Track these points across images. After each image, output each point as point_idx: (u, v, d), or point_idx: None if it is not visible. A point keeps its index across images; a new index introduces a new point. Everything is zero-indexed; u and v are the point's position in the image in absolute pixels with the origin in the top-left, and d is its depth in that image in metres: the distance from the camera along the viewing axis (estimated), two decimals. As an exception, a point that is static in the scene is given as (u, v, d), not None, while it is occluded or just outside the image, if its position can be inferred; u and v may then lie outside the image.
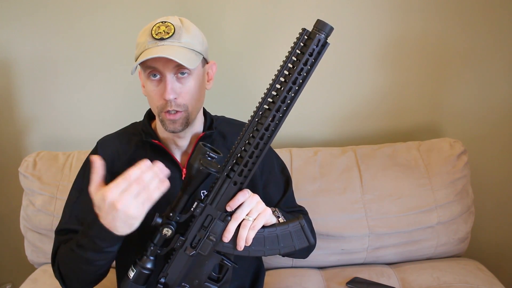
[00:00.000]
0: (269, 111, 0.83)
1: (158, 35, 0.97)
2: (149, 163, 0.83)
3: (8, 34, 1.64)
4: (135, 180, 0.81)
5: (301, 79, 0.81)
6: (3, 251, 1.88)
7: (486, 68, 1.67)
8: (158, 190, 0.83)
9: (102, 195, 0.81)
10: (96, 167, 0.86)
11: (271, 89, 0.82)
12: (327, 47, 0.80)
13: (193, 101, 1.02)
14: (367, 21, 1.63)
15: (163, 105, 1.00)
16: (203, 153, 0.85)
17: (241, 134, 0.85)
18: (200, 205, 0.88)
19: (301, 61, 0.80)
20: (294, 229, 0.92)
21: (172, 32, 0.98)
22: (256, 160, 0.86)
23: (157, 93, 1.00)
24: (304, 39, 0.80)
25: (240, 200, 0.87)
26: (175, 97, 0.99)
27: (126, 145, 1.12)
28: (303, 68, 0.80)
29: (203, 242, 0.89)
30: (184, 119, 1.01)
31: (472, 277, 1.41)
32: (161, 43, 0.97)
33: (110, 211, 0.81)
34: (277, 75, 0.82)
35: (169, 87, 0.98)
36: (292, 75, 0.80)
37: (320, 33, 0.79)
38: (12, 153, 1.76)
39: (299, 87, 0.82)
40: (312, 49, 0.80)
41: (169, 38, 0.97)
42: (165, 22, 0.99)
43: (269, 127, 0.83)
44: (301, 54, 0.80)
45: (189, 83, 1.00)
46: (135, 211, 0.81)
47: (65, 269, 1.02)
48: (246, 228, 0.87)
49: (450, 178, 1.51)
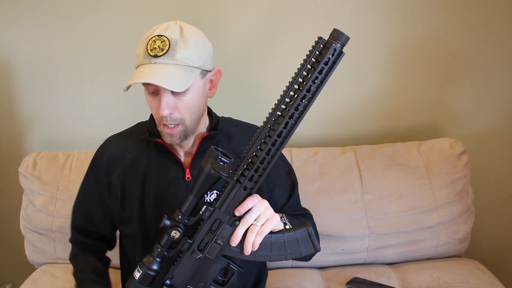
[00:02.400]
0: (282, 118, 0.83)
1: (152, 51, 0.96)
2: None
3: (8, 34, 1.64)
4: None
5: (315, 88, 0.82)
6: (3, 251, 1.87)
7: (486, 69, 1.67)
8: None
9: None
10: None
11: (285, 96, 0.83)
12: (342, 57, 0.81)
13: (190, 114, 1.02)
14: (368, 23, 1.63)
15: (160, 118, 1.01)
16: (214, 157, 0.85)
17: (252, 139, 0.86)
18: (209, 208, 0.88)
19: (316, 69, 0.80)
20: (301, 235, 0.92)
21: (167, 49, 0.96)
22: (267, 166, 0.85)
23: (154, 106, 1.01)
24: (320, 48, 0.80)
25: (249, 205, 0.87)
26: (170, 112, 0.99)
27: (131, 144, 1.13)
28: (318, 76, 0.81)
29: (210, 245, 0.89)
30: (181, 132, 1.02)
31: (472, 277, 1.41)
32: (154, 61, 0.96)
33: None
34: (292, 82, 0.82)
35: (163, 103, 0.98)
36: (307, 83, 0.81)
37: (336, 43, 0.79)
38: (12, 153, 1.76)
39: (312, 95, 0.82)
40: (328, 58, 0.80)
41: (163, 56, 0.96)
42: (161, 36, 0.97)
43: (281, 134, 0.84)
44: (317, 62, 0.80)
45: (185, 98, 0.99)
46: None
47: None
48: (254, 233, 0.87)
49: (450, 178, 1.51)
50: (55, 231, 1.49)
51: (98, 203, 1.14)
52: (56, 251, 1.51)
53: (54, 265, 1.53)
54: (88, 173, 1.16)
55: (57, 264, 1.53)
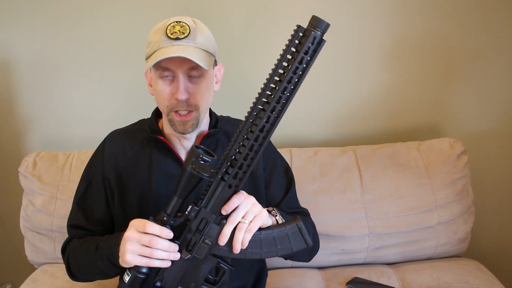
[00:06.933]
0: (264, 112, 0.80)
1: (173, 34, 0.97)
2: (171, 234, 0.86)
3: (8, 34, 1.64)
4: (151, 233, 0.85)
5: (297, 78, 0.78)
6: (3, 251, 1.87)
7: (486, 68, 1.67)
8: (160, 261, 0.86)
9: (144, 226, 0.86)
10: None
11: (265, 89, 0.79)
12: (323, 45, 0.77)
13: (204, 102, 1.02)
14: (368, 21, 1.63)
15: (174, 104, 1.00)
16: (196, 156, 0.83)
17: (234, 136, 0.83)
18: (194, 208, 0.86)
19: (296, 59, 0.76)
20: (291, 231, 0.90)
21: (188, 33, 0.97)
22: (251, 163, 0.83)
23: (169, 92, 1.01)
24: (299, 37, 0.76)
25: (236, 203, 0.86)
26: (187, 97, 0.99)
27: (132, 141, 1.13)
28: (298, 66, 0.77)
29: (198, 245, 0.88)
30: (195, 119, 1.02)
31: (472, 277, 1.41)
32: (176, 43, 0.96)
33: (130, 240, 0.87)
34: (272, 74, 0.79)
35: (182, 87, 0.98)
36: (287, 74, 0.77)
37: (316, 30, 0.75)
38: (12, 153, 1.75)
39: (294, 87, 0.79)
40: (308, 47, 0.76)
41: (184, 38, 0.97)
42: (180, 22, 0.99)
43: (264, 128, 0.81)
44: (296, 52, 0.77)
45: (200, 84, 1.00)
46: (129, 256, 0.86)
47: (74, 262, 1.08)
48: (242, 231, 0.86)
49: (450, 178, 1.51)
50: (55, 231, 1.49)
51: (99, 200, 1.13)
52: (56, 251, 1.51)
53: (54, 265, 1.53)
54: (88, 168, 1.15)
55: (57, 264, 1.53)
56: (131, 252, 0.86)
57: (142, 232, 0.85)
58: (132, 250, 0.86)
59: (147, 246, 0.85)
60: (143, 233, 0.85)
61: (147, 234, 0.85)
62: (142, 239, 0.85)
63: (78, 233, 1.12)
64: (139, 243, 0.85)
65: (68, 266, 1.10)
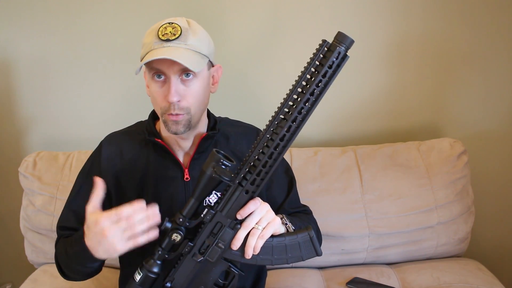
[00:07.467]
0: (285, 122, 0.82)
1: (164, 36, 0.97)
2: (143, 204, 0.85)
3: (8, 34, 1.64)
4: (126, 217, 0.83)
5: (319, 91, 0.81)
6: (3, 251, 1.87)
7: (486, 69, 1.67)
8: (145, 235, 0.85)
9: (96, 219, 0.85)
10: (97, 189, 0.90)
11: (288, 99, 0.82)
12: (346, 60, 0.80)
13: (197, 104, 1.02)
14: (369, 22, 1.63)
15: (167, 107, 1.00)
16: (216, 160, 0.84)
17: (255, 142, 0.85)
18: (210, 212, 0.88)
19: (320, 73, 0.79)
20: (302, 239, 0.91)
21: (179, 34, 0.97)
22: (269, 170, 0.85)
23: (161, 94, 1.00)
24: (324, 51, 0.79)
25: (251, 208, 0.87)
26: (179, 100, 0.99)
27: (130, 143, 1.13)
28: (322, 80, 0.80)
29: (211, 248, 0.89)
30: (186, 121, 1.01)
31: (472, 277, 1.41)
32: (167, 45, 0.96)
33: (98, 236, 0.85)
34: (295, 85, 0.81)
35: (173, 89, 0.98)
36: (310, 86, 0.80)
37: (341, 46, 0.79)
38: (12, 153, 1.76)
39: (316, 99, 0.81)
40: (332, 61, 0.79)
41: (175, 40, 0.97)
42: (172, 23, 0.98)
43: (284, 138, 0.83)
44: (320, 65, 0.79)
45: (193, 86, 1.00)
46: (119, 245, 0.84)
47: (62, 262, 1.08)
48: (255, 236, 0.87)
49: (450, 178, 1.51)
50: (55, 231, 1.49)
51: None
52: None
53: (54, 265, 1.50)
54: (83, 170, 1.15)
55: (57, 264, 1.53)
56: (120, 240, 0.84)
57: (117, 219, 0.84)
58: (120, 238, 0.84)
59: (128, 229, 0.84)
60: (118, 220, 0.84)
61: (123, 218, 0.84)
62: (121, 224, 0.83)
63: (64, 234, 1.11)
64: (120, 229, 0.84)
65: (59, 266, 1.10)
